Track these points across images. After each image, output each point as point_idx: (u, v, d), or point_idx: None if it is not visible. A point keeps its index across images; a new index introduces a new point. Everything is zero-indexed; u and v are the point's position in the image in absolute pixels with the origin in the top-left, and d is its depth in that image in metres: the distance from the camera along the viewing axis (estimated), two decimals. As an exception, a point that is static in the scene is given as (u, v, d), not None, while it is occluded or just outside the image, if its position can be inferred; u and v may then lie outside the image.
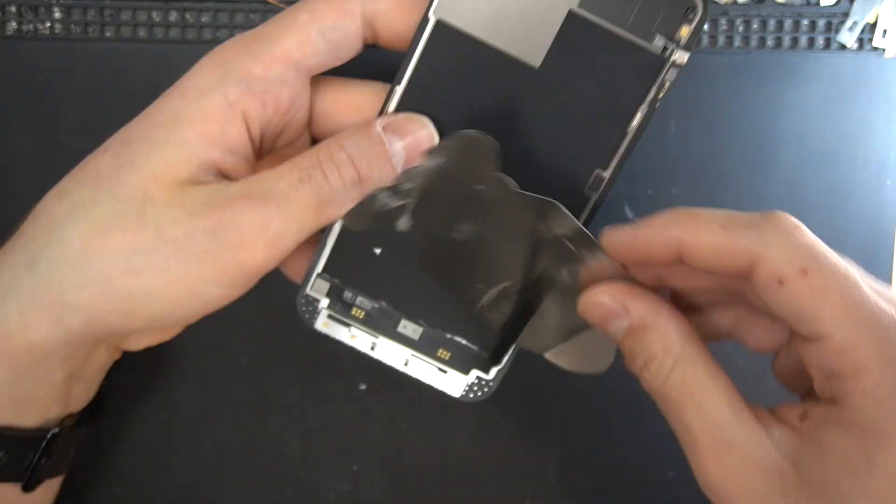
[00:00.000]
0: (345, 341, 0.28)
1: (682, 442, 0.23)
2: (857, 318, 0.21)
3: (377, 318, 0.28)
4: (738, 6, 0.33)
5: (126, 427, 0.34)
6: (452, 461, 0.35)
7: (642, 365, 0.23)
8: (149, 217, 0.23)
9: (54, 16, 0.33)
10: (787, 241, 0.21)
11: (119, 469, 0.35)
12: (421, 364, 0.28)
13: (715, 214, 0.22)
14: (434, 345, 0.28)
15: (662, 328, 0.23)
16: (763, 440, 0.22)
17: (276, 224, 0.23)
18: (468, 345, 0.28)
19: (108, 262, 0.23)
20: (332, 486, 0.35)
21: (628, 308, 0.23)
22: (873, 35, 0.33)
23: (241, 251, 0.23)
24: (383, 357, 0.28)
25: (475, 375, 0.28)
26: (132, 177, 0.24)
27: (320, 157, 0.24)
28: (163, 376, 0.34)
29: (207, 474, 0.35)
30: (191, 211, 0.23)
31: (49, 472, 0.27)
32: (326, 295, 0.28)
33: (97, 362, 0.27)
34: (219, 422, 0.35)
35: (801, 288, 0.21)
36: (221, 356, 0.35)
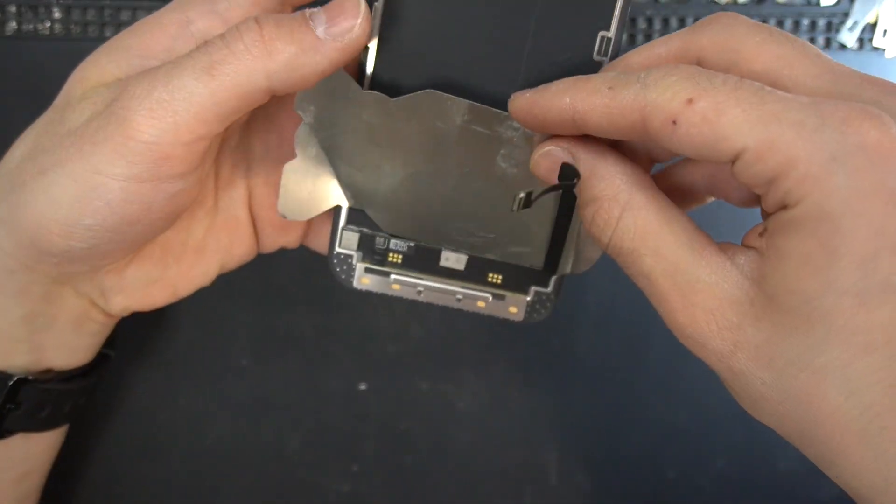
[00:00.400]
0: (388, 293, 0.27)
1: (646, 293, 0.21)
2: (763, 118, 0.18)
3: (417, 258, 0.26)
4: (738, 6, 0.33)
5: (126, 427, 0.34)
6: (452, 461, 0.35)
7: (590, 218, 0.22)
8: (66, 116, 0.23)
9: (54, 16, 0.33)
10: (667, 81, 0.19)
11: (119, 469, 0.35)
12: (474, 296, 0.26)
13: (605, 76, 0.21)
14: (482, 271, 0.26)
15: (609, 175, 0.21)
16: (727, 270, 0.20)
17: (161, 89, 0.21)
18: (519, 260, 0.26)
19: (26, 168, 0.23)
20: (332, 486, 0.35)
21: (575, 156, 0.22)
22: (874, 35, 0.33)
23: (125, 124, 0.21)
24: (433, 299, 0.26)
25: (534, 292, 0.26)
26: (67, 84, 0.24)
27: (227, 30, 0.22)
28: (163, 376, 0.34)
29: (207, 474, 0.35)
30: (95, 101, 0.22)
31: (20, 425, 0.27)
32: (358, 248, 0.26)
33: (66, 310, 0.26)
34: (219, 422, 0.35)
35: (692, 117, 0.19)
36: (221, 356, 0.35)
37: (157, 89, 0.21)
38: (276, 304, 0.34)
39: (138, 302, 0.27)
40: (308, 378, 0.35)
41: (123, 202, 0.22)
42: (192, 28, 0.23)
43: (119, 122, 0.21)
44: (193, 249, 0.28)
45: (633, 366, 0.35)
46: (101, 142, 0.22)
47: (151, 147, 0.21)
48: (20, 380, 0.26)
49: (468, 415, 0.35)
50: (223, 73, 0.21)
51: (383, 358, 0.35)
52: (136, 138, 0.21)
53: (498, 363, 0.35)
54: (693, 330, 0.20)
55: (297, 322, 0.35)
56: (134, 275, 0.27)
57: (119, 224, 0.23)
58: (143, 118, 0.21)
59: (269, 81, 0.22)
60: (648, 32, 0.33)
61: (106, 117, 0.22)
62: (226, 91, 0.21)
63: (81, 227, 0.22)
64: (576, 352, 0.35)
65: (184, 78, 0.21)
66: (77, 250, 0.23)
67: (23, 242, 0.24)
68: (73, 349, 0.27)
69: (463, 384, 0.35)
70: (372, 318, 0.35)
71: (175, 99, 0.21)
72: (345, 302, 0.34)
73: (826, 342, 0.18)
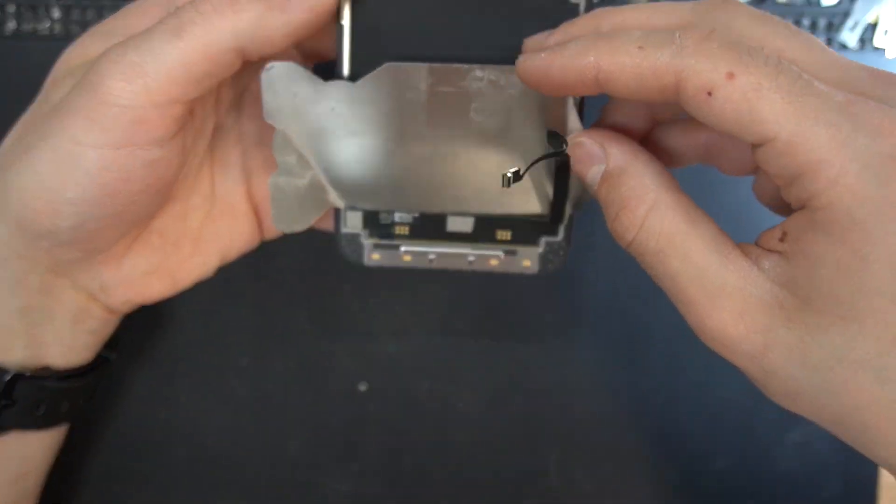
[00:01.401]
0: (400, 265, 0.27)
1: (671, 296, 0.21)
2: (800, 109, 0.18)
3: (423, 227, 0.26)
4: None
5: (126, 427, 0.34)
6: (452, 461, 0.35)
7: (614, 216, 0.22)
8: (49, 96, 0.23)
9: (53, 16, 0.32)
10: (708, 47, 0.19)
11: (119, 468, 0.35)
12: (486, 255, 0.26)
13: (632, 34, 0.20)
14: (490, 229, 0.26)
15: (638, 174, 0.21)
16: (754, 274, 0.20)
17: (132, 53, 0.21)
18: (524, 214, 0.26)
19: (14, 151, 0.23)
20: (332, 486, 0.35)
21: (606, 151, 0.22)
22: (874, 35, 0.33)
23: (98, 89, 0.21)
24: (445, 264, 0.26)
25: (544, 243, 0.26)
26: (55, 66, 0.24)
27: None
28: (163, 376, 0.34)
29: (207, 474, 0.35)
30: (76, 76, 0.23)
31: (15, 421, 0.26)
32: (364, 226, 0.26)
33: (64, 304, 0.26)
34: (218, 422, 0.35)
35: (732, 93, 0.19)
36: (221, 356, 0.34)
37: (129, 53, 0.21)
38: (276, 304, 0.34)
39: (138, 294, 0.27)
40: (308, 378, 0.35)
41: (101, 170, 0.22)
42: None
43: (92, 88, 0.21)
44: (192, 237, 0.28)
45: (634, 366, 0.35)
46: (77, 110, 0.22)
47: (125, 111, 0.22)
48: (16, 375, 0.25)
49: (468, 415, 0.35)
50: (191, 33, 0.21)
51: (383, 358, 0.35)
52: (108, 102, 0.21)
53: (498, 363, 0.35)
54: (723, 334, 0.20)
55: (297, 322, 0.35)
56: (132, 263, 0.26)
57: (100, 196, 0.23)
58: (115, 81, 0.21)
59: (237, 41, 0.22)
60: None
61: (80, 86, 0.22)
62: (194, 51, 0.21)
63: (64, 201, 0.23)
64: (576, 352, 0.35)
65: (153, 41, 0.21)
66: (64, 230, 0.23)
67: (13, 226, 0.24)
68: (71, 346, 0.27)
69: (463, 384, 0.35)
70: (372, 318, 0.35)
71: (146, 61, 0.21)
72: (345, 302, 0.34)
73: (860, 338, 0.19)
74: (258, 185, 0.28)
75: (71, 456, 0.31)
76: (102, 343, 0.29)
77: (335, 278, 0.34)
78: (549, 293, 0.34)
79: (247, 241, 0.29)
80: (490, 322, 0.35)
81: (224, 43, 0.22)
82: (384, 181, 0.25)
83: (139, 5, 0.25)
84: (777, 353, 0.20)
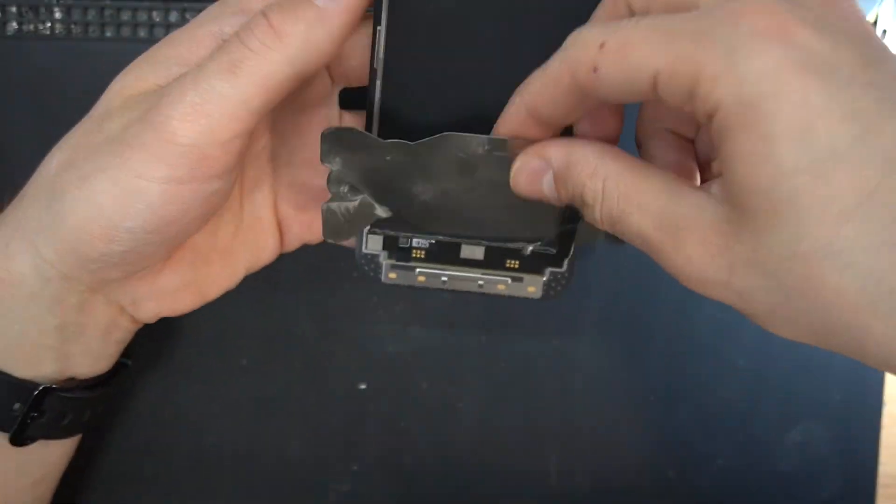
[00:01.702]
0: (415, 285, 0.28)
1: (645, 251, 0.22)
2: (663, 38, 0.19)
3: (439, 252, 0.28)
4: (738, 6, 0.33)
5: (126, 427, 0.35)
6: (452, 461, 0.35)
7: (581, 203, 0.22)
8: (104, 125, 0.23)
9: (55, 16, 0.33)
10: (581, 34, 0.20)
11: (119, 469, 0.35)
12: (494, 280, 0.28)
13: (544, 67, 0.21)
14: (501, 258, 0.28)
15: (581, 158, 0.22)
16: (703, 200, 0.20)
17: (191, 93, 0.22)
18: (533, 247, 0.28)
19: (67, 177, 0.23)
20: (332, 486, 0.35)
21: (546, 158, 0.23)
22: (873, 35, 0.33)
23: (162, 128, 0.22)
24: (456, 286, 0.28)
25: (549, 272, 0.28)
26: (105, 95, 0.24)
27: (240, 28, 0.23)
28: (163, 376, 0.34)
29: (208, 474, 0.35)
30: (133, 109, 0.23)
31: (42, 432, 0.27)
32: (383, 248, 0.28)
33: (96, 319, 0.27)
34: (219, 422, 0.35)
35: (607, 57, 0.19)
36: (221, 356, 0.35)
37: (188, 93, 0.22)
38: (276, 304, 0.34)
39: (168, 308, 0.28)
40: (308, 378, 0.35)
41: (163, 204, 0.23)
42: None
43: (156, 128, 0.22)
44: (221, 252, 0.28)
45: (633, 366, 0.35)
46: (141, 147, 0.22)
47: (191, 149, 0.22)
48: (45, 389, 0.26)
49: (468, 415, 0.35)
50: (246, 70, 0.22)
51: (383, 358, 0.35)
52: (174, 141, 0.22)
53: (498, 363, 0.35)
54: (691, 268, 0.20)
55: (297, 322, 0.35)
56: (167, 280, 0.27)
57: (158, 225, 0.23)
58: (178, 122, 0.22)
59: (293, 66, 0.22)
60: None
61: (143, 123, 0.22)
62: (254, 87, 0.22)
63: (122, 229, 0.23)
64: (576, 352, 0.35)
65: (210, 80, 0.22)
66: (116, 254, 0.24)
67: (63, 249, 0.24)
68: (97, 357, 0.28)
69: (463, 384, 0.35)
70: (372, 318, 0.35)
71: (206, 101, 0.22)
72: (345, 302, 0.34)
73: (802, 226, 0.18)
74: (284, 201, 0.29)
75: (77, 458, 0.31)
76: (122, 351, 0.29)
77: (335, 278, 0.34)
78: (549, 293, 0.34)
79: (270, 254, 0.29)
80: (490, 322, 0.35)
81: (281, 74, 0.22)
82: (424, 212, 0.27)
83: (189, 33, 0.25)
84: (742, 271, 0.19)
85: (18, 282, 0.24)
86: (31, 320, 0.25)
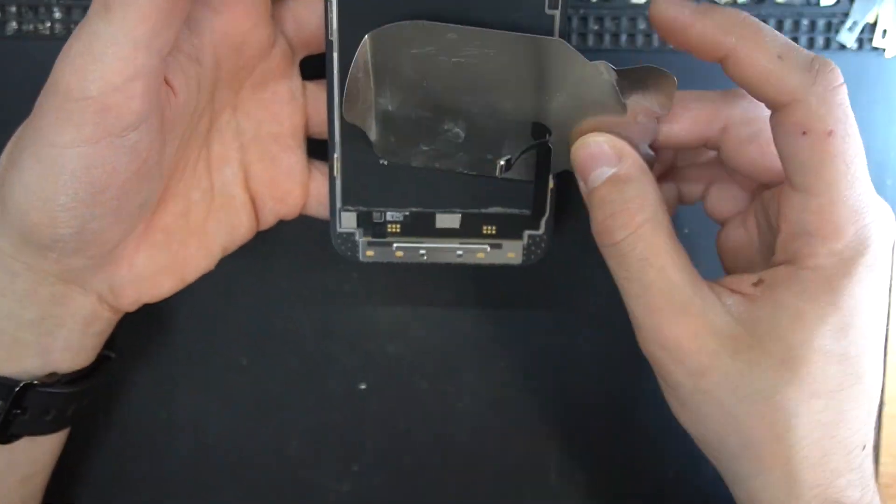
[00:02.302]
0: (393, 261, 0.28)
1: (633, 299, 0.24)
2: (851, 188, 0.22)
3: (414, 224, 0.28)
4: (737, 5, 0.33)
5: (126, 427, 0.35)
6: (452, 461, 0.35)
7: (609, 214, 0.24)
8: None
9: (54, 16, 0.33)
10: (829, 98, 0.22)
11: (119, 469, 0.35)
12: (473, 249, 0.28)
13: (776, 39, 0.23)
14: (476, 225, 0.28)
15: (645, 185, 0.24)
16: (717, 305, 0.23)
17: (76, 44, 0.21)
18: (507, 210, 0.28)
19: (7, 167, 0.23)
20: (332, 486, 0.35)
21: (621, 157, 0.24)
22: (873, 35, 0.33)
23: (56, 87, 0.22)
24: (436, 258, 0.28)
25: (527, 235, 0.28)
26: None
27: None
28: (163, 376, 0.34)
29: (207, 474, 0.35)
30: None
31: (26, 429, 0.27)
32: (357, 225, 0.28)
33: (74, 311, 0.26)
34: (219, 422, 0.35)
35: (822, 145, 0.22)
36: (221, 356, 0.35)
37: (73, 45, 0.21)
38: (276, 304, 0.34)
39: (148, 293, 0.27)
40: (308, 378, 0.35)
41: (85, 168, 0.22)
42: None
43: (54, 89, 0.22)
44: (196, 232, 0.28)
45: (633, 365, 0.35)
46: (46, 113, 0.22)
47: (88, 102, 0.21)
48: (25, 385, 0.26)
49: (468, 415, 0.35)
50: (118, 3, 0.21)
51: (383, 358, 0.35)
52: (71, 97, 0.21)
53: (498, 363, 0.35)
54: (676, 345, 0.23)
55: (297, 322, 0.35)
56: (141, 264, 0.27)
57: (91, 194, 0.23)
58: (70, 75, 0.21)
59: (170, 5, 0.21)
60: (648, 32, 0.33)
61: (45, 89, 0.22)
62: (131, 20, 0.21)
63: (58, 208, 0.23)
64: (576, 351, 0.35)
65: (89, 25, 0.21)
66: (67, 237, 0.23)
67: (17, 240, 0.24)
68: (78, 350, 0.28)
69: (463, 384, 0.35)
70: (372, 318, 0.35)
71: (89, 47, 0.21)
72: (345, 302, 0.34)
73: (789, 384, 0.22)
74: (255, 176, 0.29)
75: (72, 457, 0.31)
76: (103, 343, 0.29)
77: (335, 278, 0.34)
78: (549, 293, 0.34)
79: (246, 232, 0.29)
80: (490, 322, 0.35)
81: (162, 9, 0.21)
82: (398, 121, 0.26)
83: None
84: (715, 377, 0.23)
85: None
86: (6, 316, 0.25)
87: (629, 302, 0.24)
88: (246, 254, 0.30)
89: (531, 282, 0.34)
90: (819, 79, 0.22)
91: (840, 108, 0.22)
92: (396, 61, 0.25)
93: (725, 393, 0.23)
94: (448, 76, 0.25)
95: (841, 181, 0.22)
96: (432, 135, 0.26)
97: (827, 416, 0.23)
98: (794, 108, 0.22)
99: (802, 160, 0.23)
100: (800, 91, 0.22)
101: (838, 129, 0.22)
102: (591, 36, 0.33)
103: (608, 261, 0.25)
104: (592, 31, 0.33)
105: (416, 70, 0.25)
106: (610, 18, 0.33)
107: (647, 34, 0.33)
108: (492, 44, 0.25)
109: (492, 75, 0.25)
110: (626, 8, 0.32)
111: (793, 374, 0.22)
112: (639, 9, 0.33)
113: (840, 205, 0.22)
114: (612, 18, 0.33)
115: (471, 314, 0.35)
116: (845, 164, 0.22)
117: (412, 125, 0.26)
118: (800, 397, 0.22)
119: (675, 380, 0.24)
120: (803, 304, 0.22)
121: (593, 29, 0.33)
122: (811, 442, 0.23)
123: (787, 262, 0.23)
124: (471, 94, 0.26)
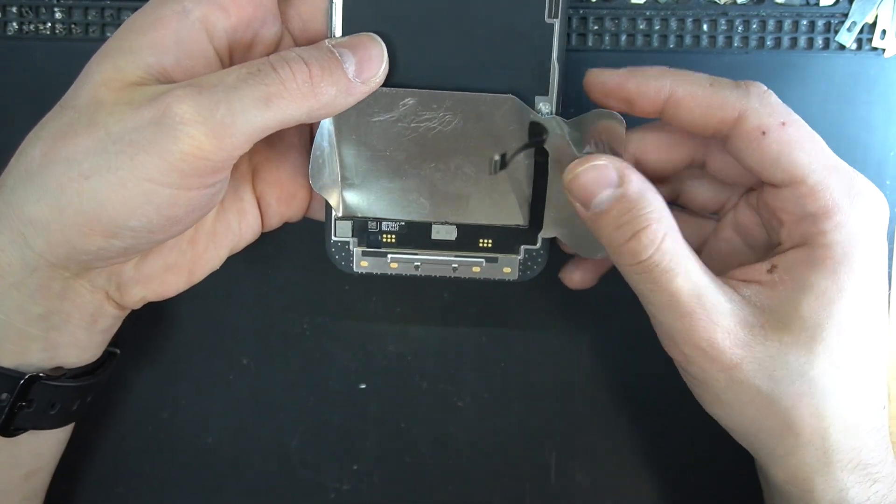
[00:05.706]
0: (388, 272, 0.28)
1: (661, 307, 0.24)
2: (827, 164, 0.24)
3: (409, 235, 0.28)
4: (737, 6, 0.33)
5: (126, 427, 0.35)
6: (452, 461, 0.35)
7: (631, 234, 0.24)
8: (99, 119, 0.23)
9: (55, 16, 0.33)
10: (766, 100, 0.24)
11: (119, 469, 0.35)
12: (469, 263, 0.28)
13: (701, 74, 0.25)
14: (473, 238, 0.28)
15: (654, 197, 0.24)
16: (739, 298, 0.25)
17: (223, 111, 0.22)
18: (504, 223, 0.28)
19: (62, 171, 0.23)
20: (332, 486, 0.35)
21: (625, 178, 0.24)
22: (872, 35, 0.33)
23: (184, 140, 0.22)
24: (430, 271, 0.28)
25: (524, 250, 0.28)
26: (86, 86, 0.24)
27: (271, 57, 0.24)
28: (164, 376, 0.34)
29: (208, 473, 0.35)
30: (137, 105, 0.23)
31: (31, 422, 0.27)
32: (353, 234, 0.28)
33: (81, 306, 0.27)
34: (219, 421, 0.35)
35: (782, 137, 0.24)
36: (221, 356, 0.35)
37: (220, 111, 0.22)
38: (276, 304, 0.34)
39: (155, 291, 0.28)
40: (308, 378, 0.35)
41: (170, 206, 0.24)
42: (192, 17, 0.24)
43: (177, 138, 0.22)
44: (206, 233, 0.28)
45: (633, 365, 0.35)
46: (157, 154, 0.23)
47: (207, 163, 0.23)
48: (31, 377, 0.26)
49: (468, 415, 0.35)
50: (278, 106, 0.23)
51: (383, 358, 0.35)
52: (194, 155, 0.23)
53: (498, 363, 0.35)
54: (711, 344, 0.24)
55: (297, 322, 0.35)
56: (151, 264, 0.27)
57: (163, 225, 0.24)
58: (205, 137, 0.22)
59: (309, 116, 0.24)
60: (648, 32, 0.33)
61: (159, 129, 0.23)
62: (277, 120, 0.23)
63: (126, 228, 0.24)
64: (576, 351, 0.35)
65: (245, 104, 0.23)
66: (115, 249, 0.24)
67: (57, 241, 0.24)
68: (84, 346, 0.28)
69: (463, 384, 0.35)
70: (372, 318, 0.35)
71: (237, 123, 0.23)
72: (345, 302, 0.34)
73: (820, 358, 0.24)
74: (263, 177, 0.29)
75: (73, 456, 0.31)
76: (109, 340, 0.29)
77: (335, 278, 0.34)
78: (549, 293, 0.34)
79: (253, 232, 0.30)
80: (490, 322, 0.35)
81: (299, 118, 0.24)
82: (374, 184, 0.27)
83: (153, 15, 0.24)
84: (749, 366, 0.24)
85: (4, 272, 0.24)
86: (16, 309, 0.25)
87: (656, 311, 0.25)
88: (247, 254, 0.30)
89: (532, 282, 0.34)
90: (751, 89, 0.24)
91: (779, 104, 0.24)
92: (359, 131, 0.26)
93: (762, 379, 0.24)
94: (410, 144, 0.26)
95: (818, 156, 0.24)
96: (399, 205, 0.27)
97: (855, 383, 0.24)
98: (745, 118, 0.24)
99: (774, 156, 0.24)
100: (741, 102, 0.24)
101: (789, 118, 0.24)
102: (591, 36, 0.33)
103: (630, 277, 0.25)
104: (592, 32, 0.33)
105: (379, 138, 0.26)
106: (610, 18, 0.33)
107: (646, 34, 0.33)
108: (448, 105, 0.25)
109: (452, 138, 0.26)
110: (626, 8, 0.33)
111: (823, 348, 0.24)
112: (639, 9, 0.33)
113: (828, 177, 0.24)
114: (612, 18, 0.33)
115: (471, 314, 0.35)
116: (811, 142, 0.24)
117: (378, 197, 0.27)
118: (830, 369, 0.24)
119: (709, 376, 0.25)
120: (823, 279, 0.24)
121: (593, 29, 0.33)
122: (844, 411, 0.24)
123: (798, 246, 0.25)
124: (433, 160, 0.26)
